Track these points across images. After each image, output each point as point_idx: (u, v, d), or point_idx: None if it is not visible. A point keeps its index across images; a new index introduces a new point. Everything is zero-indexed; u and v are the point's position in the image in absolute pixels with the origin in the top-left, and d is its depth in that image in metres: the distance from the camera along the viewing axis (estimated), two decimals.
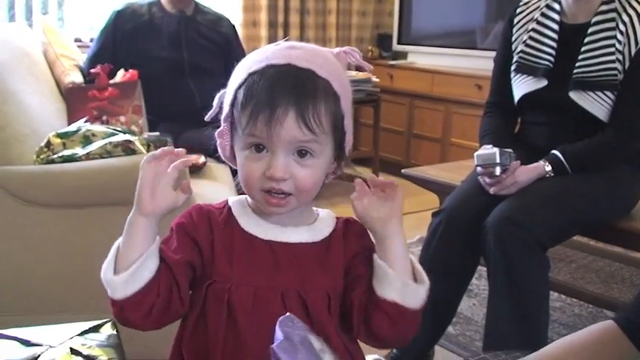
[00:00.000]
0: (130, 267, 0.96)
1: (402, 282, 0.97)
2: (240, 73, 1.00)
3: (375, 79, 4.30)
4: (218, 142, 1.05)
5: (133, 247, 0.98)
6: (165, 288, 0.99)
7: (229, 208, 1.07)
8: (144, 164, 0.98)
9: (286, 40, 1.06)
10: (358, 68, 1.09)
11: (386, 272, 0.98)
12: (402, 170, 2.71)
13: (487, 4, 4.54)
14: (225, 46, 3.17)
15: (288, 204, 1.00)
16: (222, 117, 1.03)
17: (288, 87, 0.94)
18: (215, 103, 1.06)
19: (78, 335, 1.25)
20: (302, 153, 0.97)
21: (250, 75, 0.97)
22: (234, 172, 2.04)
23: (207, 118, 1.06)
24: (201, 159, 2.61)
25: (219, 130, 1.04)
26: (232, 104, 1.00)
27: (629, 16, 1.98)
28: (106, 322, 1.29)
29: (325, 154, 0.99)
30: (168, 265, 1.00)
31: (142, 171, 0.98)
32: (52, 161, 1.98)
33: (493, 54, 2.32)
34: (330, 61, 1.02)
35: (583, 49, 2.02)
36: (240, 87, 0.98)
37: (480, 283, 2.79)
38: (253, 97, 0.95)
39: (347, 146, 1.04)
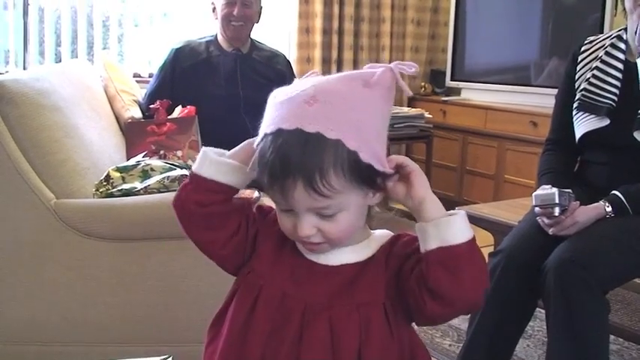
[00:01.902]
0: (235, 162, 1.06)
1: (434, 225, 0.97)
2: (264, 121, 1.00)
3: (427, 114, 4.29)
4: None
5: (237, 156, 1.07)
6: (229, 211, 1.08)
7: None
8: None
9: (311, 74, 1.04)
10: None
11: (421, 228, 0.98)
12: (456, 208, 2.69)
13: (541, 40, 4.51)
14: (281, 83, 3.17)
15: (323, 249, 1.04)
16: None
17: (295, 157, 0.93)
18: None
19: None
20: (323, 213, 0.98)
21: (265, 136, 0.98)
22: None
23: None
24: (255, 194, 2.63)
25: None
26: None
27: None
28: (165, 359, 1.30)
29: (351, 203, 0.99)
30: (243, 211, 1.10)
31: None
32: (112, 195, 2.02)
33: (548, 90, 2.31)
34: (348, 108, 0.97)
35: None
36: (260, 143, 0.99)
37: (534, 324, 2.74)
38: (266, 165, 0.96)
39: (385, 170, 0.99)
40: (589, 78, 2.13)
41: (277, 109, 0.99)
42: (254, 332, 1.05)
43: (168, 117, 2.79)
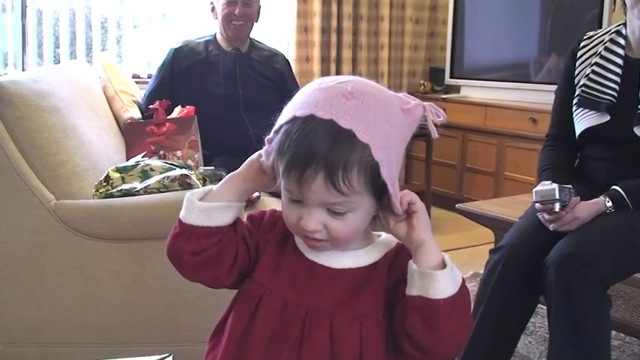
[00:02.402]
0: (222, 203, 1.04)
1: (419, 274, 0.96)
2: (292, 105, 0.98)
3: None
4: (265, 147, 1.03)
5: (223, 195, 1.06)
6: (224, 246, 1.05)
7: None
8: None
9: (356, 76, 1.03)
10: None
11: (410, 270, 0.97)
12: (457, 205, 2.69)
13: (540, 37, 4.51)
14: (280, 82, 3.21)
15: (324, 247, 1.02)
16: (272, 130, 1.01)
17: (323, 148, 0.92)
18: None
19: None
20: (334, 210, 0.97)
21: (294, 119, 0.95)
22: None
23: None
24: (255, 193, 2.63)
25: (268, 137, 1.01)
26: (276, 133, 0.99)
27: None
28: (165, 357, 1.30)
29: (363, 206, 0.98)
30: (237, 234, 1.07)
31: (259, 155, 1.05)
32: (111, 195, 2.02)
33: (547, 87, 2.31)
34: (383, 118, 0.96)
35: None
36: (284, 125, 0.97)
37: (536, 320, 2.74)
38: (289, 149, 0.94)
39: (393, 200, 0.99)
40: (588, 74, 2.13)
41: (311, 95, 0.97)
42: (254, 339, 1.04)
43: (168, 117, 2.80)
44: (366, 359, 1.01)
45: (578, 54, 2.20)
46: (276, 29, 4.55)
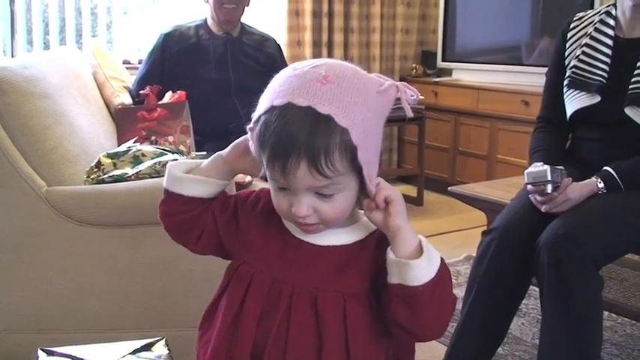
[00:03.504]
0: (195, 176, 1.11)
1: (396, 263, 0.97)
2: (269, 94, 0.98)
3: (419, 96, 4.28)
4: (249, 135, 1.03)
5: (202, 171, 1.12)
6: (195, 216, 1.13)
7: None
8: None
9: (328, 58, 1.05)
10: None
11: (389, 259, 0.99)
12: (449, 188, 2.69)
13: (532, 20, 4.50)
14: (271, 66, 3.19)
15: (318, 229, 1.04)
16: (252, 121, 1.01)
17: (303, 135, 0.92)
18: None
19: (130, 354, 1.27)
20: (322, 193, 0.98)
21: (272, 108, 0.96)
22: None
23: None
24: (247, 178, 2.63)
25: (250, 126, 1.01)
26: (255, 123, 0.99)
27: None
28: (157, 341, 1.30)
29: (349, 186, 0.99)
30: (213, 211, 1.13)
31: (246, 139, 1.06)
32: (103, 181, 2.01)
33: (539, 69, 2.30)
34: (360, 101, 0.96)
35: (639, 64, 1.99)
36: (263, 115, 0.97)
37: (528, 302, 2.75)
38: (269, 140, 0.95)
39: (369, 182, 1.00)
40: (579, 55, 2.12)
41: (286, 83, 0.97)
42: (246, 318, 1.06)
43: (159, 102, 2.78)
44: (351, 336, 1.02)
45: (568, 35, 2.19)
46: (267, 13, 4.53)
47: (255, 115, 1.00)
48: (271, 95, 0.97)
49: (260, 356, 1.04)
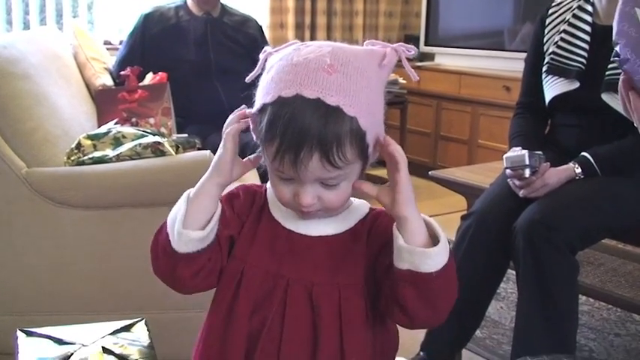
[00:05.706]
0: (204, 227, 1.01)
1: (409, 252, 0.95)
2: (274, 82, 0.96)
3: (401, 80, 4.29)
4: (250, 119, 1.02)
5: (203, 209, 1.02)
6: (216, 254, 1.05)
7: (266, 191, 1.10)
8: (229, 137, 1.01)
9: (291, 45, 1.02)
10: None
11: (397, 245, 0.97)
12: (430, 172, 2.71)
13: (515, 5, 4.51)
14: (252, 47, 3.17)
15: (317, 215, 1.03)
16: (253, 110, 1.00)
17: (314, 128, 0.92)
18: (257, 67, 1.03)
19: (110, 334, 1.27)
20: (328, 183, 0.98)
21: (279, 99, 0.94)
22: (262, 177, 2.05)
23: (248, 79, 1.04)
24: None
25: (251, 111, 1.00)
26: (260, 113, 0.97)
27: None
28: (137, 322, 1.31)
29: (353, 173, 1.00)
30: (219, 235, 1.05)
31: (228, 143, 1.01)
32: (83, 163, 2.00)
33: (521, 55, 2.31)
34: (364, 85, 0.96)
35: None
36: (269, 105, 0.95)
37: (507, 286, 2.78)
38: (278, 134, 0.93)
39: (372, 157, 1.01)
40: (557, 41, 2.13)
41: (291, 72, 0.95)
42: (237, 313, 1.04)
43: (140, 84, 2.77)
44: (345, 327, 1.02)
45: (547, 21, 2.20)
46: None
47: (257, 103, 0.98)
48: (278, 84, 0.95)
49: (254, 350, 1.03)
